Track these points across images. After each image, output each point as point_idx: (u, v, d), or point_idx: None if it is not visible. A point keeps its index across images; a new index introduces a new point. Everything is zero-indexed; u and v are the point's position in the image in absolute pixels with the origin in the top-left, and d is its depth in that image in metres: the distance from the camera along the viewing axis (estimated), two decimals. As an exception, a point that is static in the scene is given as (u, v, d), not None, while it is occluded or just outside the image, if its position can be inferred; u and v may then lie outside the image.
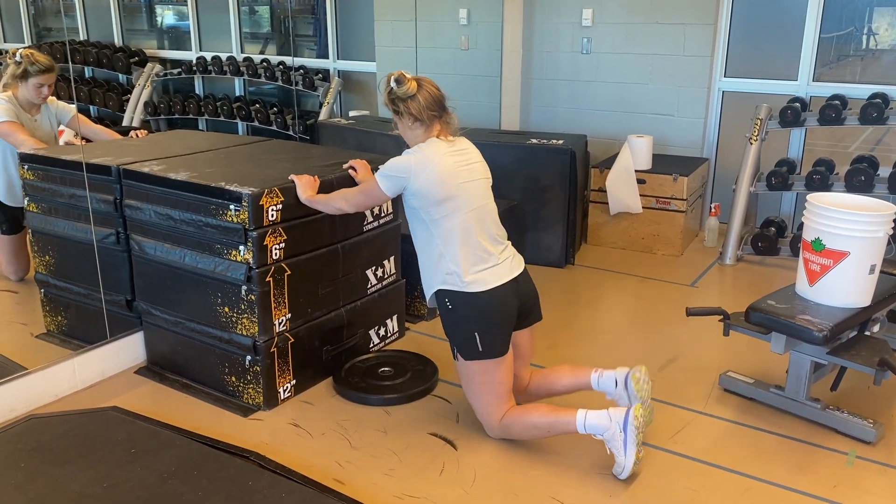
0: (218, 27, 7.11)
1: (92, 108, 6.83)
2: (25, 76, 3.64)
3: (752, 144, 4.66)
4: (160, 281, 3.09)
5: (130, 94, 6.97)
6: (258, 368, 2.89)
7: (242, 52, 6.99)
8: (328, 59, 6.56)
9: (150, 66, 7.06)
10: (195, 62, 6.90)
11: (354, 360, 3.23)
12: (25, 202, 3.44)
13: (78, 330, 3.43)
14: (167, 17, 7.87)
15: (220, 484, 2.32)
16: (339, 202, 2.80)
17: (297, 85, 6.36)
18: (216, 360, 3.00)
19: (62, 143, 3.83)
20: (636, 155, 4.77)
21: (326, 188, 2.93)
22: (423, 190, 2.54)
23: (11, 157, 3.60)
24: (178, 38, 7.58)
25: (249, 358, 2.89)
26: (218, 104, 6.67)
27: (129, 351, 3.26)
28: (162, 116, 6.97)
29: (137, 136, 4.04)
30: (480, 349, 2.58)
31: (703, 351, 3.49)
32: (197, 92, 7.11)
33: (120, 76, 7.12)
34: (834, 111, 4.44)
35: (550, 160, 4.43)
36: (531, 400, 2.85)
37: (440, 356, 3.27)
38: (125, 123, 6.80)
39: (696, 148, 5.16)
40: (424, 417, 2.89)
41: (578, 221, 4.72)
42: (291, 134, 6.20)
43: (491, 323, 2.59)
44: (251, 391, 2.94)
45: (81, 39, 7.21)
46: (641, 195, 4.73)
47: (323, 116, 6.15)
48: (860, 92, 4.57)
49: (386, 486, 2.48)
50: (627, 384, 2.62)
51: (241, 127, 6.69)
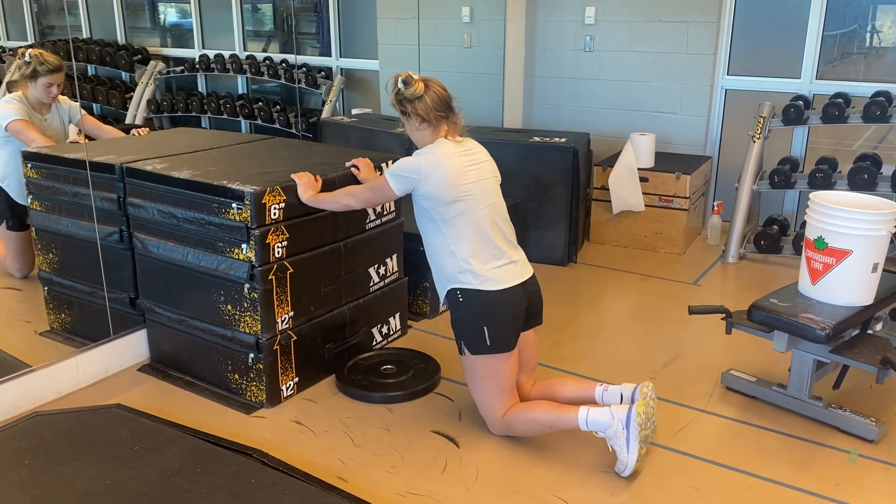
0: (221, 25, 7.11)
1: (95, 106, 6.84)
2: (35, 76, 3.65)
3: (754, 142, 4.66)
4: (163, 279, 3.10)
5: (133, 91, 6.98)
6: (261, 366, 2.89)
7: (245, 49, 6.99)
8: (331, 57, 6.55)
9: (152, 63, 7.07)
10: (198, 60, 6.90)
11: (357, 357, 3.24)
12: (29, 200, 3.45)
13: (81, 327, 3.44)
14: (170, 14, 7.87)
15: (222, 481, 2.32)
16: (345, 198, 2.81)
17: (299, 83, 6.36)
18: (219, 357, 3.01)
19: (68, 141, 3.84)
20: (639, 153, 4.76)
21: (328, 187, 2.93)
22: (433, 191, 2.55)
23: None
24: (180, 35, 7.58)
25: (252, 355, 2.90)
26: (221, 102, 6.67)
27: (132, 348, 3.27)
28: (165, 114, 6.97)
29: (139, 134, 4.05)
30: (488, 343, 2.59)
31: (705, 349, 3.49)
32: (200, 90, 7.12)
33: (123, 74, 7.13)
34: (837, 109, 4.43)
35: (553, 158, 4.43)
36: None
37: (443, 354, 3.27)
38: (128, 121, 6.81)
39: (698, 146, 5.15)
40: (427, 415, 2.90)
41: (581, 219, 4.72)
42: (294, 132, 6.20)
43: (501, 319, 2.60)
44: (254, 389, 2.95)
45: (84, 37, 7.21)
46: (644, 193, 4.73)
47: (325, 114, 6.15)
48: (863, 90, 4.56)
49: (388, 483, 2.48)
50: (634, 399, 2.57)
51: (244, 125, 6.70)
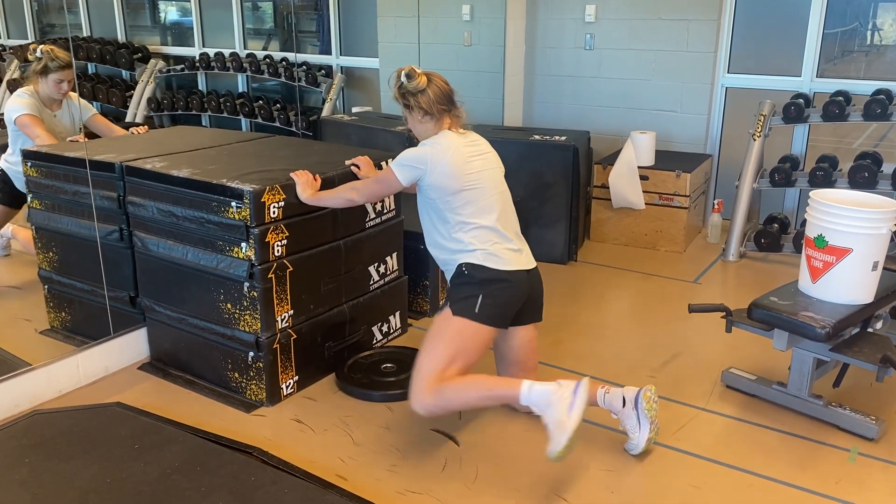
0: (221, 23, 7.11)
1: (95, 104, 6.83)
2: (45, 72, 3.68)
3: (755, 141, 4.65)
4: (163, 277, 3.10)
5: (134, 90, 6.98)
6: (261, 364, 2.89)
7: (245, 48, 6.99)
8: (331, 55, 6.55)
9: (153, 62, 7.07)
10: (198, 58, 6.90)
11: (357, 356, 3.24)
12: (29, 199, 3.45)
13: (81, 326, 3.44)
14: (170, 13, 7.87)
15: (222, 480, 2.33)
16: (348, 193, 2.82)
17: (299, 81, 6.36)
18: (219, 356, 3.01)
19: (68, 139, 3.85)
20: (639, 151, 4.76)
21: (328, 186, 2.93)
22: (440, 181, 2.57)
23: None
24: (181, 34, 7.58)
25: (252, 354, 2.90)
26: (221, 100, 6.67)
27: (132, 347, 3.27)
28: (165, 113, 6.97)
29: (137, 132, 4.05)
30: (476, 310, 2.56)
31: (705, 347, 3.49)
32: (200, 88, 7.12)
33: (123, 72, 7.14)
34: (837, 107, 4.43)
35: (553, 156, 4.43)
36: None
37: (442, 352, 3.27)
38: (128, 120, 6.82)
39: (699, 144, 5.15)
40: (427, 414, 2.90)
41: (581, 218, 4.72)
42: (294, 130, 6.20)
43: (499, 295, 2.59)
44: (254, 387, 2.95)
45: (85, 36, 7.21)
46: (644, 191, 4.73)
47: (326, 113, 6.15)
48: (864, 88, 4.56)
49: (388, 482, 2.48)
50: (638, 404, 2.55)
51: (244, 123, 6.70)
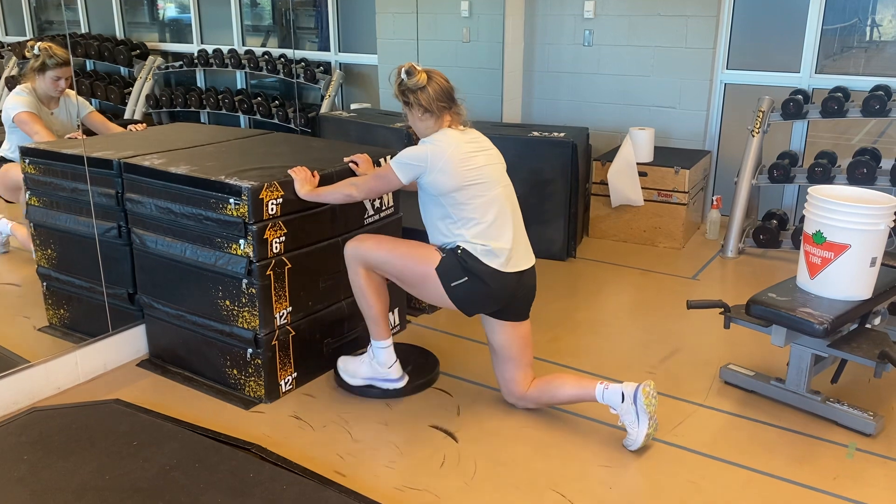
0: (219, 20, 7.10)
1: (94, 101, 6.83)
2: (43, 69, 3.68)
3: (754, 137, 4.65)
4: (161, 274, 3.10)
5: (132, 87, 6.97)
6: (259, 361, 2.90)
7: (244, 44, 6.98)
8: (330, 51, 6.54)
9: (151, 59, 7.06)
10: (197, 55, 6.89)
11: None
12: (27, 196, 3.45)
13: (80, 323, 3.44)
14: (168, 9, 7.86)
15: (221, 476, 2.33)
16: (347, 189, 2.82)
17: (298, 78, 6.35)
18: (217, 352, 3.01)
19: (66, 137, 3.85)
20: (638, 147, 4.76)
21: (326, 182, 2.93)
22: (440, 179, 2.57)
23: None
24: (179, 30, 7.57)
25: (251, 351, 2.90)
26: (220, 97, 6.66)
27: (130, 344, 3.27)
28: (164, 109, 6.97)
29: (136, 129, 4.05)
30: (452, 284, 2.63)
31: (703, 344, 3.49)
32: (199, 85, 7.11)
33: (122, 69, 7.13)
34: (836, 103, 4.42)
35: (552, 153, 4.43)
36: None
37: (441, 349, 3.28)
38: (127, 116, 6.81)
39: (697, 140, 5.15)
40: (425, 410, 2.90)
41: (580, 214, 4.72)
42: (293, 127, 6.20)
43: (482, 288, 2.63)
44: (252, 384, 2.95)
45: (83, 32, 7.20)
46: (643, 188, 4.73)
47: (324, 109, 6.14)
48: (863, 84, 4.55)
49: (387, 478, 2.49)
50: (636, 399, 2.56)
51: (242, 120, 6.70)
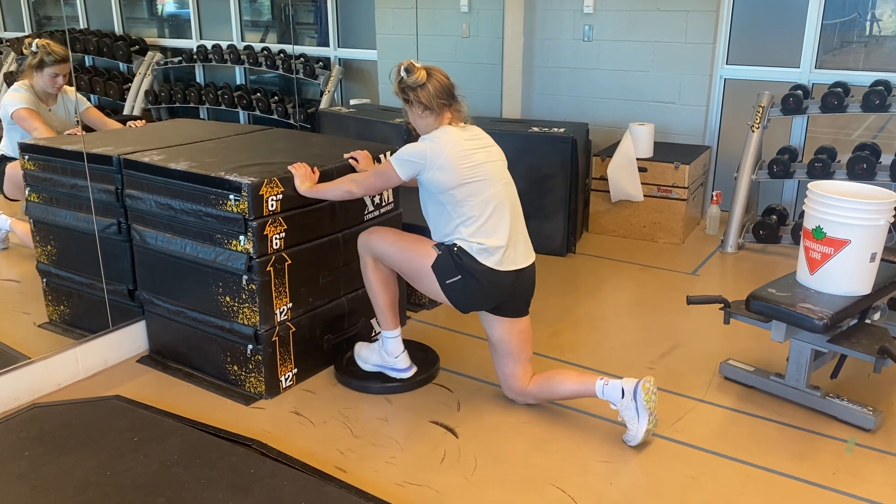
0: (218, 15, 7.08)
1: (92, 97, 6.81)
2: (41, 66, 3.68)
3: (753, 132, 4.65)
4: (161, 271, 3.10)
5: (131, 82, 6.96)
6: (259, 357, 2.90)
7: (243, 40, 6.96)
8: (329, 47, 6.53)
9: (150, 54, 7.04)
10: (196, 50, 6.87)
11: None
12: (27, 192, 3.45)
13: (80, 319, 3.44)
14: (167, 5, 7.83)
15: (221, 472, 2.33)
16: (347, 185, 2.82)
17: (297, 73, 6.34)
18: (218, 349, 3.01)
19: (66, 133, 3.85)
20: (637, 143, 4.76)
21: (326, 178, 2.93)
22: (439, 176, 2.57)
23: None
24: (178, 26, 7.55)
25: (251, 347, 2.90)
26: (219, 93, 6.65)
27: (131, 340, 3.27)
28: (163, 105, 6.95)
29: (135, 125, 4.05)
30: (447, 282, 2.65)
31: (703, 339, 3.49)
32: (198, 80, 7.09)
33: (120, 65, 7.11)
34: (836, 98, 4.42)
35: (552, 148, 4.42)
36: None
37: (441, 345, 3.28)
38: (126, 112, 6.79)
39: (697, 136, 5.14)
40: (426, 406, 2.91)
41: (580, 210, 4.71)
42: (292, 122, 6.19)
43: (477, 288, 2.63)
44: (253, 380, 2.95)
45: (81, 28, 7.18)
46: (643, 183, 4.72)
47: (324, 105, 6.13)
48: (863, 79, 4.55)
49: (387, 473, 2.49)
50: (636, 395, 2.56)
51: (242, 116, 6.68)
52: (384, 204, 3.35)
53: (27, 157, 3.37)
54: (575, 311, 3.85)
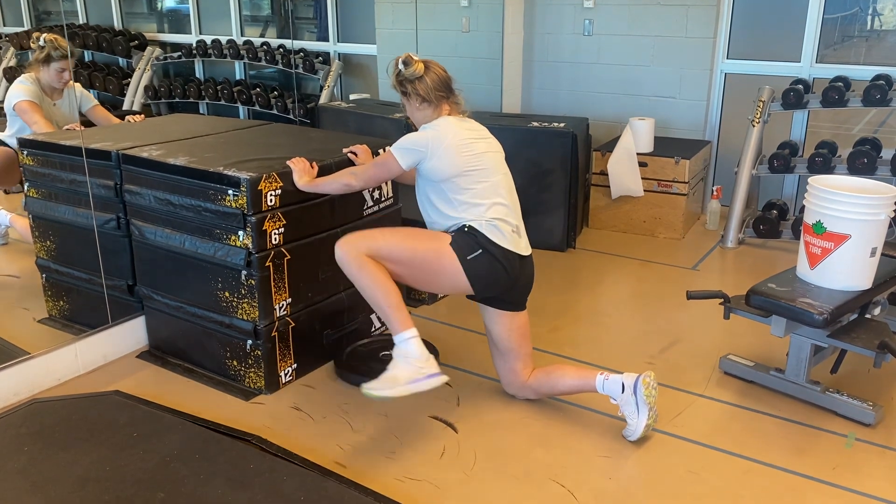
0: (218, 10, 7.07)
1: (92, 92, 6.81)
2: (48, 60, 3.70)
3: (754, 127, 4.64)
4: (161, 266, 3.10)
5: (131, 77, 6.95)
6: (259, 352, 2.90)
7: (242, 35, 6.95)
8: (328, 42, 6.52)
9: (150, 49, 7.03)
10: (195, 46, 6.87)
11: (356, 343, 3.24)
12: (26, 187, 3.44)
13: (80, 315, 3.44)
14: (167, 0, 7.83)
15: (221, 467, 2.33)
16: (346, 178, 2.80)
17: (297, 68, 6.33)
18: (217, 344, 3.01)
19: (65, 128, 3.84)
20: (638, 138, 4.75)
21: (325, 173, 2.92)
22: (440, 164, 2.56)
23: None
24: (177, 21, 7.54)
25: (250, 342, 2.90)
26: (218, 88, 6.64)
27: (130, 335, 3.27)
28: (162, 100, 6.95)
29: (134, 121, 4.04)
30: (468, 257, 2.54)
31: (703, 334, 3.49)
32: (197, 75, 7.09)
33: (120, 60, 7.10)
34: (837, 93, 4.41)
35: (552, 143, 4.42)
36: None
37: (441, 340, 3.28)
38: (125, 107, 6.79)
39: (698, 130, 5.14)
40: (425, 401, 2.89)
41: (580, 205, 4.71)
42: (292, 118, 6.18)
43: (493, 266, 2.57)
44: (252, 375, 2.95)
45: (81, 23, 7.18)
46: (643, 178, 4.72)
47: (323, 100, 6.12)
48: (864, 73, 4.54)
49: (387, 469, 2.49)
50: (637, 390, 2.56)
51: (241, 111, 6.68)
52: (383, 199, 3.34)
53: (26, 152, 3.36)
54: (575, 306, 3.85)
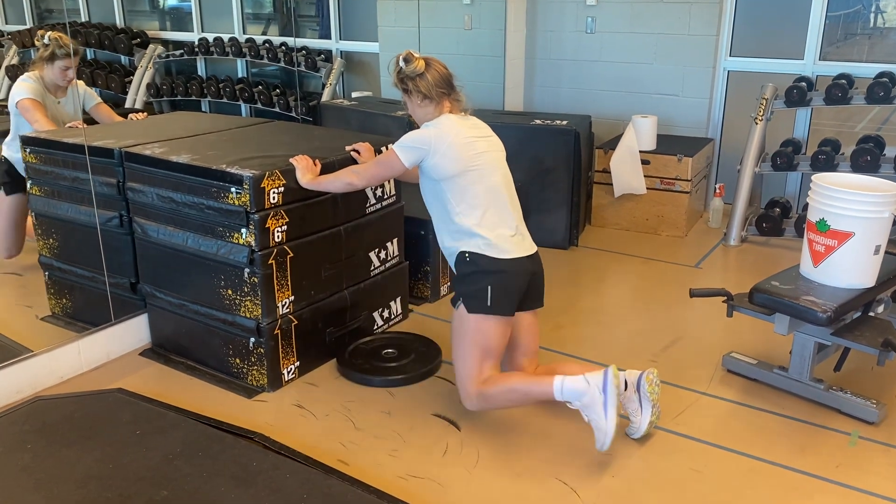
0: (220, 8, 7.07)
1: (95, 89, 6.81)
2: (53, 58, 3.69)
3: (757, 124, 4.63)
4: (163, 264, 3.10)
5: (133, 75, 6.95)
6: (262, 350, 2.90)
7: (244, 33, 6.95)
8: (331, 39, 6.52)
9: (152, 47, 7.03)
10: (197, 43, 6.87)
11: (358, 341, 3.24)
12: (28, 185, 3.45)
13: (82, 312, 3.44)
14: (169, -3, 7.83)
15: (224, 465, 2.33)
16: (349, 176, 2.81)
17: (299, 66, 6.33)
18: (220, 342, 3.01)
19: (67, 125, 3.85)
20: (640, 135, 4.74)
21: (328, 171, 2.92)
22: (442, 162, 2.56)
23: None
24: (179, 19, 7.54)
25: (253, 340, 2.90)
26: (220, 86, 6.64)
27: (133, 333, 3.27)
28: (165, 98, 6.95)
29: (136, 118, 4.04)
30: (489, 304, 2.56)
31: (706, 332, 3.49)
32: (199, 73, 7.09)
33: (122, 58, 7.10)
34: (840, 90, 4.40)
35: (554, 141, 4.41)
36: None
37: (444, 338, 3.27)
38: (128, 105, 6.79)
39: (700, 128, 5.13)
40: (428, 399, 2.91)
41: (582, 203, 4.70)
42: (294, 115, 6.18)
43: (506, 283, 2.59)
44: (255, 373, 2.95)
45: (83, 21, 7.17)
46: (646, 176, 4.71)
47: (325, 98, 6.12)
48: (867, 71, 4.53)
49: (390, 466, 2.49)
50: (640, 386, 2.57)
51: (243, 109, 6.68)
52: (386, 197, 3.34)
53: (28, 149, 3.36)
54: (578, 304, 3.84)
